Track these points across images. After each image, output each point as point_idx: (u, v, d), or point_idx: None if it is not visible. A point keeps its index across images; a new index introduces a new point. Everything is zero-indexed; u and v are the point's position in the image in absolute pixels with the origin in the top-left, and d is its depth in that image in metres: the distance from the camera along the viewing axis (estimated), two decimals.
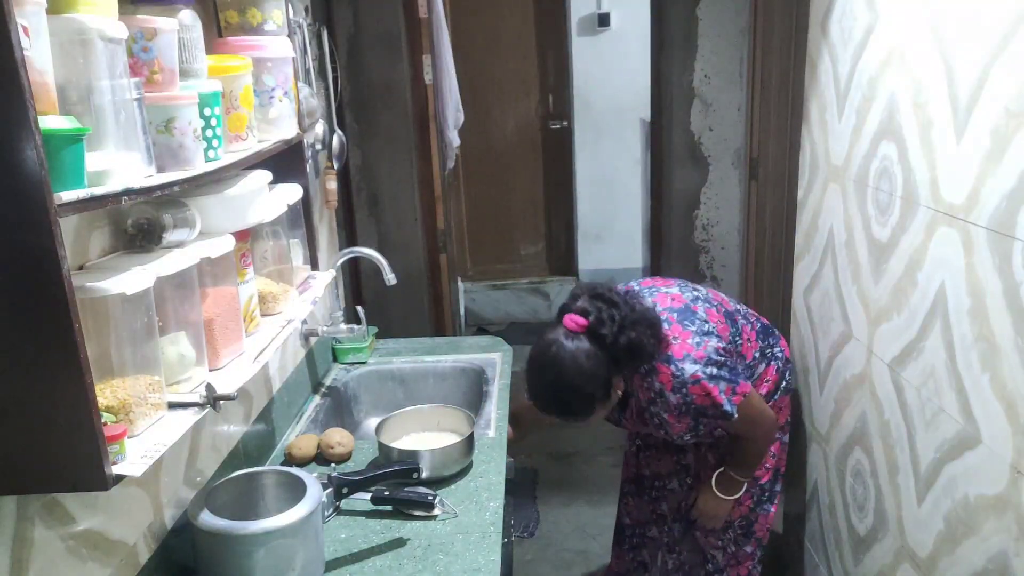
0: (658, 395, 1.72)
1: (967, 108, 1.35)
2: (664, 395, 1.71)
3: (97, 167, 0.86)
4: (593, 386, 1.63)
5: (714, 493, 1.93)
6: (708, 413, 1.72)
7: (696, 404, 1.70)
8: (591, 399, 1.64)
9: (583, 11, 4.88)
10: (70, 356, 0.80)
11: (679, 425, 1.77)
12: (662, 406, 1.74)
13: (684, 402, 1.70)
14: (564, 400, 1.65)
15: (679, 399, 1.70)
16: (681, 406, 1.71)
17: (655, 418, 1.78)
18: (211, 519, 1.24)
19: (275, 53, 1.43)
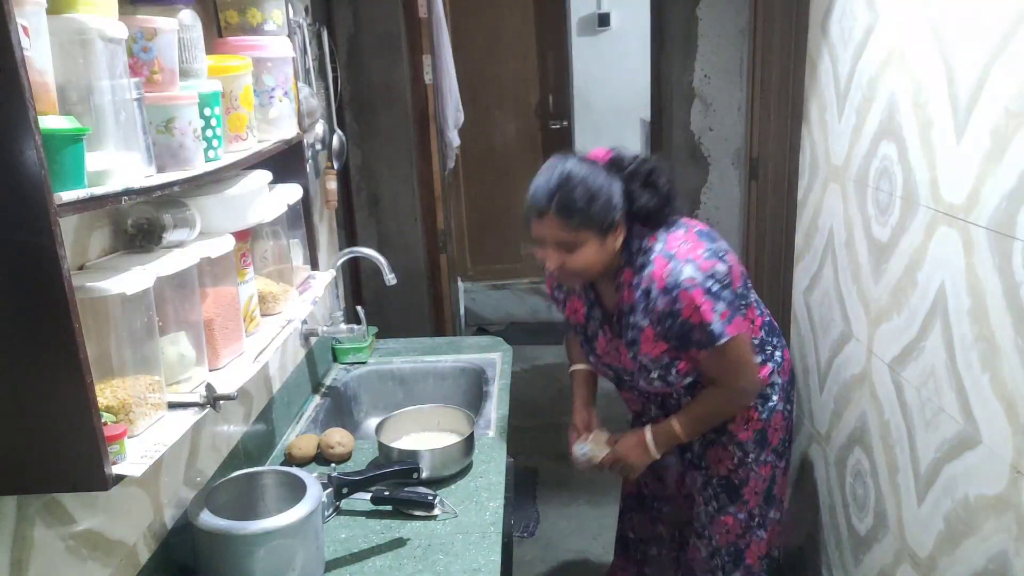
0: (644, 295, 1.58)
1: (967, 108, 1.35)
2: (651, 295, 1.57)
3: (97, 167, 0.86)
4: (602, 197, 1.52)
5: (641, 436, 1.74)
6: (692, 337, 1.56)
7: (682, 318, 1.55)
8: (595, 206, 1.51)
9: (583, 11, 4.88)
10: (70, 356, 0.80)
11: (654, 348, 1.62)
12: (644, 311, 1.59)
13: (670, 311, 1.55)
14: (568, 190, 1.51)
15: (665, 304, 1.55)
16: (665, 316, 1.56)
17: (631, 330, 1.63)
18: (211, 519, 1.24)
19: (275, 53, 1.43)
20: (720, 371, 1.66)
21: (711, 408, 1.74)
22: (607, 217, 1.54)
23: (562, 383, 4.08)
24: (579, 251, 1.55)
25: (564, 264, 1.57)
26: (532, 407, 3.83)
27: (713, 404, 1.73)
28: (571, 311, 1.81)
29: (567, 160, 1.56)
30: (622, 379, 1.79)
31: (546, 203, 1.52)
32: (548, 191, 1.53)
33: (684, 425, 1.72)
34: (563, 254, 1.56)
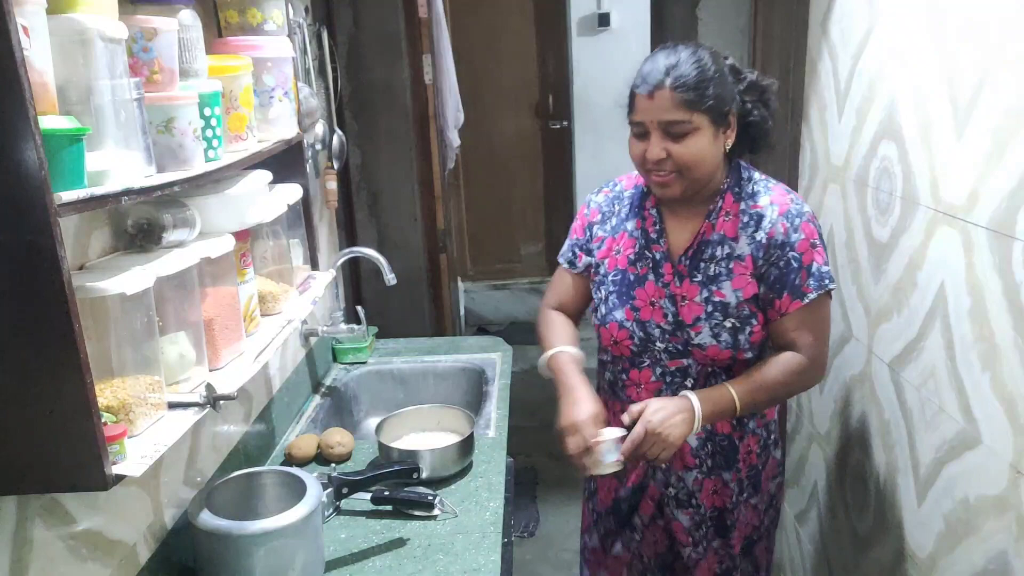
0: (754, 221, 1.43)
1: (967, 108, 1.35)
2: (765, 220, 1.42)
3: (97, 167, 0.86)
4: (724, 82, 1.38)
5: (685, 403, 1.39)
6: (795, 279, 1.40)
7: (795, 252, 1.40)
8: (716, 88, 1.36)
9: (583, 11, 4.88)
10: (70, 356, 0.80)
11: (747, 286, 1.42)
12: (750, 238, 1.42)
13: (786, 240, 1.40)
14: (690, 64, 1.35)
15: (784, 231, 1.41)
16: (778, 245, 1.40)
17: (718, 264, 1.44)
18: (211, 519, 1.24)
19: (275, 53, 1.43)
20: (803, 333, 1.44)
21: (779, 376, 1.44)
22: (725, 104, 1.38)
23: None
24: (690, 139, 1.36)
25: (670, 153, 1.36)
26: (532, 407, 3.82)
27: (782, 371, 1.44)
28: (607, 252, 1.55)
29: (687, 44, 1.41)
30: (652, 345, 1.48)
31: (662, 75, 1.35)
32: (666, 65, 1.35)
33: (742, 394, 1.42)
34: (669, 142, 1.36)
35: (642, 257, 1.51)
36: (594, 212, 1.60)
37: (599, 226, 1.58)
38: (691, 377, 1.49)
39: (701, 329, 1.45)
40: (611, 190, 1.61)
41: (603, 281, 1.55)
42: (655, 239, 1.50)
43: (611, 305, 1.52)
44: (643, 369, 1.53)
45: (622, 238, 1.54)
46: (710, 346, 1.45)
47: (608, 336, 1.53)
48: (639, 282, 1.50)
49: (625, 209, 1.56)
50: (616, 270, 1.53)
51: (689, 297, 1.45)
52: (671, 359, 1.49)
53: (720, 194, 1.46)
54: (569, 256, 1.64)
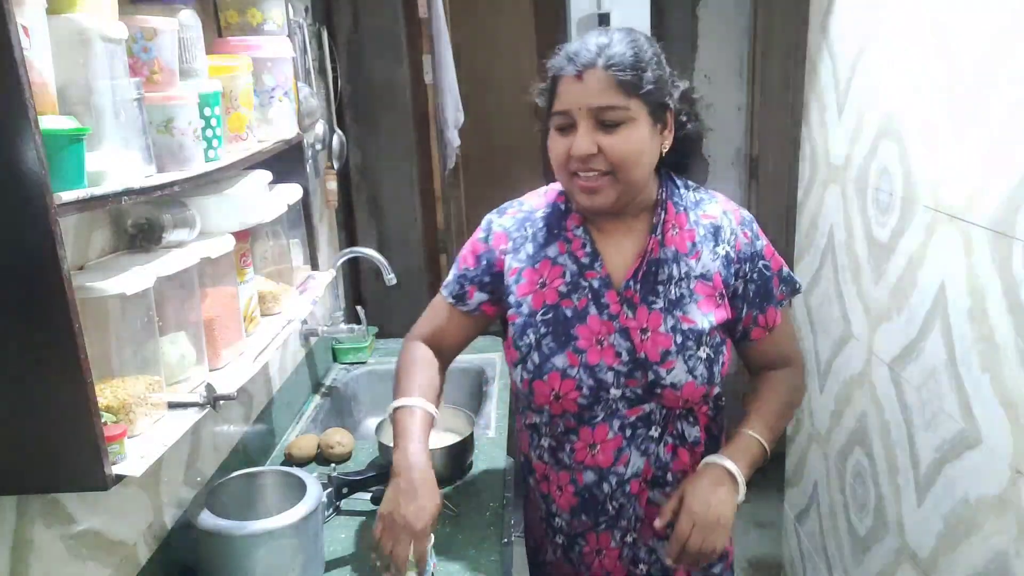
0: (711, 233, 1.24)
1: (967, 108, 1.35)
2: (723, 231, 1.24)
3: (97, 167, 0.86)
4: (663, 69, 1.18)
5: (719, 471, 1.18)
6: (771, 288, 1.26)
7: (764, 260, 1.25)
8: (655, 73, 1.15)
9: (583, 11, 4.87)
10: (70, 356, 0.80)
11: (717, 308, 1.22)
12: (712, 252, 1.23)
13: (752, 251, 1.25)
14: (627, 43, 1.15)
15: (747, 240, 1.25)
16: (746, 258, 1.24)
17: (679, 285, 1.22)
18: (211, 519, 1.24)
19: (275, 53, 1.43)
20: (790, 343, 1.34)
21: (785, 396, 1.31)
22: (663, 94, 1.17)
23: None
24: (625, 130, 1.14)
25: (601, 148, 1.14)
26: None
27: (787, 391, 1.31)
28: (529, 287, 1.26)
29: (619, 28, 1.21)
30: (604, 393, 1.22)
31: (594, 54, 1.13)
32: (598, 44, 1.14)
33: (764, 432, 1.24)
34: (600, 133, 1.14)
35: (576, 287, 1.23)
36: (499, 238, 1.31)
37: (512, 256, 1.28)
38: (655, 424, 1.23)
39: (673, 365, 1.19)
40: (518, 210, 1.33)
41: (529, 323, 1.24)
42: (587, 264, 1.24)
43: (546, 351, 1.22)
44: (596, 425, 1.23)
45: (544, 268, 1.26)
46: (685, 384, 1.19)
47: (546, 392, 1.22)
48: (578, 318, 1.22)
49: (541, 232, 1.28)
50: (545, 307, 1.24)
51: (652, 327, 1.20)
52: (629, 407, 1.22)
53: (659, 205, 1.25)
54: (455, 290, 1.33)
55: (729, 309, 1.24)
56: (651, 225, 1.24)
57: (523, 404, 1.33)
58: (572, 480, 1.27)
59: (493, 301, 1.32)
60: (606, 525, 1.29)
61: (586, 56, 1.14)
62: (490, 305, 1.33)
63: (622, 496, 1.26)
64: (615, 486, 1.26)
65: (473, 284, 1.32)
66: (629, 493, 1.26)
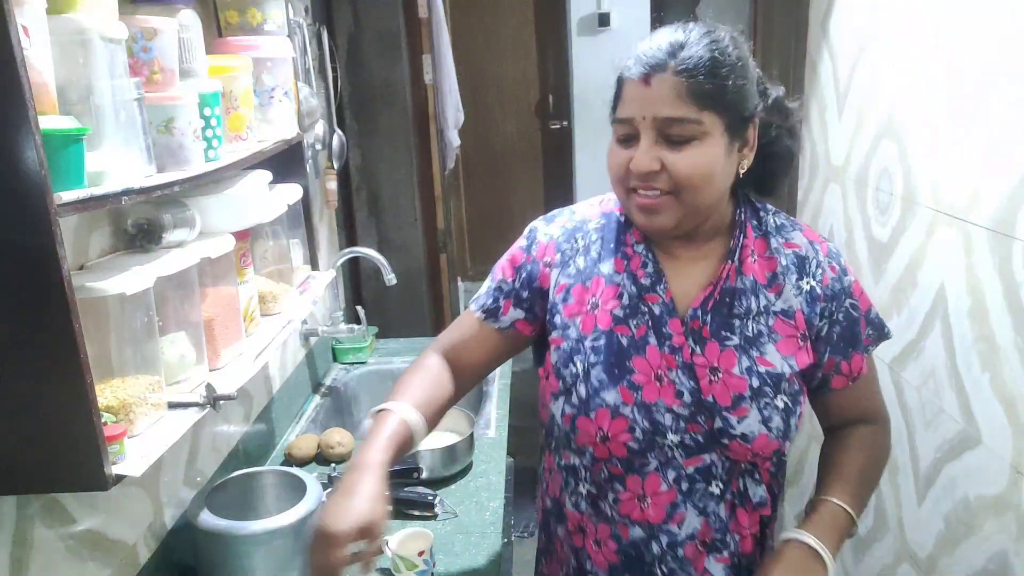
0: (797, 264, 1.05)
1: (967, 108, 1.35)
2: (811, 262, 1.05)
3: (97, 167, 0.86)
4: (749, 76, 1.00)
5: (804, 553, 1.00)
6: (857, 330, 1.07)
7: (851, 298, 1.06)
8: (738, 81, 0.97)
9: (583, 11, 4.88)
10: (70, 356, 0.80)
11: (798, 351, 1.04)
12: (795, 286, 1.04)
13: (840, 287, 1.05)
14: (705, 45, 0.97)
15: (835, 276, 1.05)
16: (833, 294, 1.05)
17: (756, 320, 1.03)
18: (211, 519, 1.24)
19: (275, 53, 1.43)
20: (871, 396, 1.13)
21: (874, 459, 1.12)
22: (746, 107, 0.99)
23: None
24: (694, 147, 0.96)
25: (665, 165, 0.96)
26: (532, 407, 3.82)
27: (876, 452, 1.13)
28: (578, 307, 1.08)
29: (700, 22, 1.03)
30: (661, 439, 1.03)
31: (664, 55, 0.96)
32: (671, 42, 0.97)
33: (852, 501, 1.06)
34: (664, 149, 0.97)
35: (635, 312, 1.05)
36: (545, 249, 1.13)
37: (559, 271, 1.11)
38: (717, 479, 1.05)
39: (747, 412, 1.01)
40: (568, 220, 1.15)
41: (576, 350, 1.06)
42: (649, 286, 1.05)
43: (596, 384, 1.03)
44: (648, 475, 1.05)
45: (597, 286, 1.08)
46: (758, 435, 1.01)
47: (592, 431, 1.04)
48: (635, 348, 1.04)
49: (595, 245, 1.10)
50: (596, 332, 1.06)
51: (724, 368, 1.02)
52: (687, 456, 1.03)
53: (738, 227, 1.07)
54: (487, 303, 1.16)
55: (812, 353, 1.05)
56: (727, 249, 1.06)
57: (560, 442, 1.13)
58: (614, 535, 1.08)
59: (530, 319, 1.14)
60: None
61: (655, 56, 0.97)
62: (526, 323, 1.14)
63: (673, 560, 1.06)
64: (666, 547, 1.06)
65: (509, 298, 1.14)
66: (683, 557, 1.06)
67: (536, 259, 1.13)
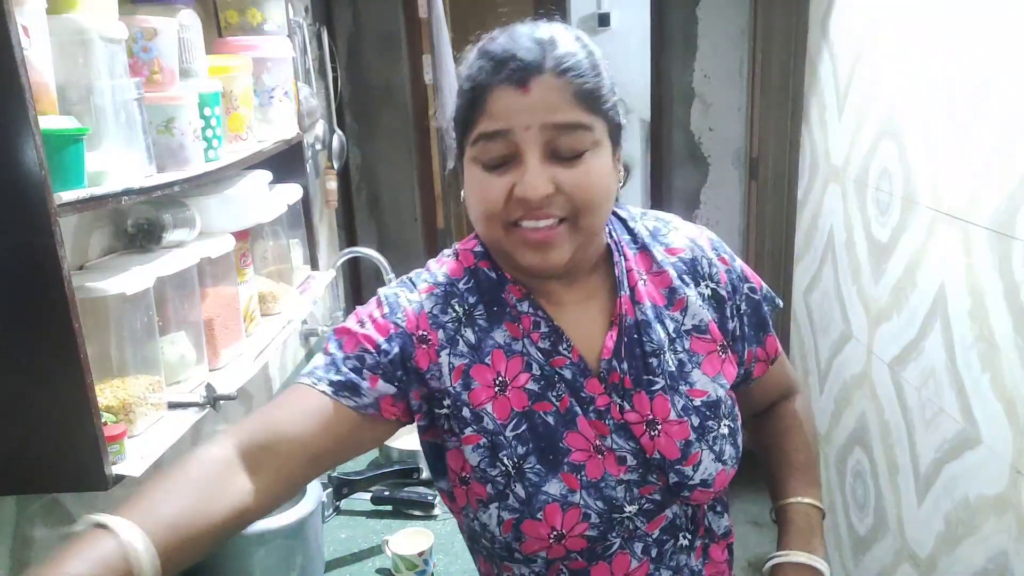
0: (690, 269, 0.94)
1: (967, 108, 1.35)
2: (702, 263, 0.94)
3: (97, 167, 0.86)
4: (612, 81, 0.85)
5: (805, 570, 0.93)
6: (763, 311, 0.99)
7: (748, 279, 0.98)
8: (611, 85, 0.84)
9: (583, 11, 4.88)
10: (70, 356, 0.80)
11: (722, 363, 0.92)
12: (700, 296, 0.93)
13: (738, 275, 0.96)
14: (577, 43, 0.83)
15: (726, 268, 0.95)
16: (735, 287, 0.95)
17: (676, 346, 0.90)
18: None
19: (275, 53, 1.43)
20: (787, 368, 1.07)
21: (808, 431, 1.06)
22: (618, 111, 0.86)
23: None
24: (588, 160, 0.81)
25: (560, 186, 0.80)
26: None
27: (806, 422, 1.07)
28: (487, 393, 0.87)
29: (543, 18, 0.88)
30: (618, 515, 0.88)
31: (538, 53, 0.80)
32: (536, 39, 0.81)
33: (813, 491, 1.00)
34: (554, 166, 0.80)
35: (551, 383, 0.88)
36: (417, 321, 0.88)
37: (448, 352, 0.87)
38: (683, 531, 0.93)
39: (699, 457, 0.88)
40: (433, 283, 0.92)
41: (499, 444, 0.86)
42: (549, 349, 0.88)
43: (534, 479, 0.86)
44: (614, 557, 0.90)
45: (499, 361, 0.88)
46: (717, 475, 0.89)
47: (544, 532, 0.85)
48: (564, 423, 0.87)
49: (477, 312, 0.90)
50: (514, 416, 0.87)
51: (660, 418, 0.88)
52: (649, 520, 0.90)
53: (617, 250, 0.92)
54: (343, 377, 0.84)
55: (734, 359, 0.95)
56: (613, 280, 0.91)
57: (497, 555, 0.91)
58: None
59: (398, 399, 0.86)
60: None
61: (527, 56, 0.79)
62: (392, 404, 0.86)
63: None
64: None
65: (376, 372, 0.85)
66: None
67: (406, 331, 0.88)
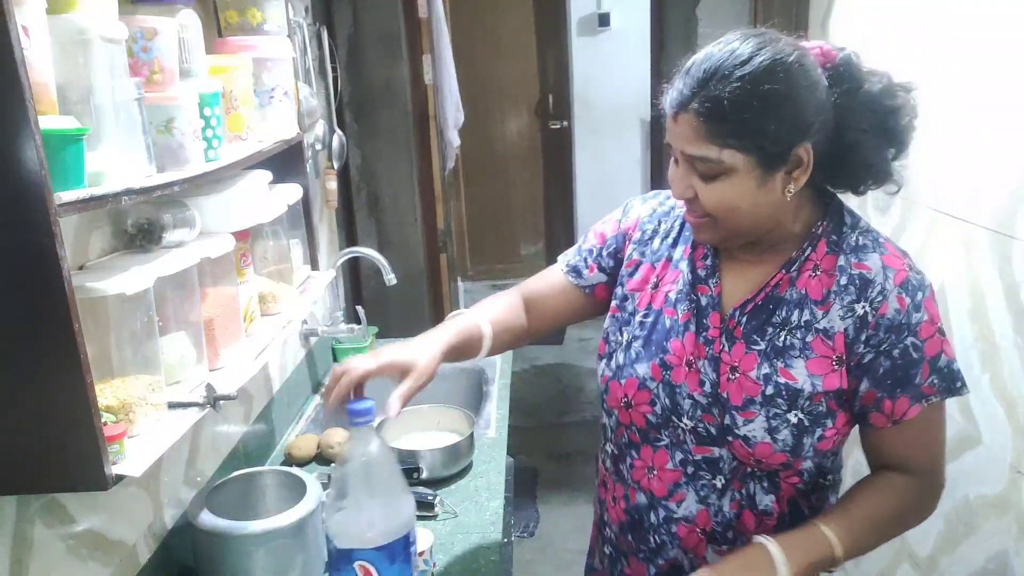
0: (857, 286, 1.00)
1: (967, 108, 1.35)
2: (874, 288, 0.99)
3: (97, 167, 0.86)
4: (785, 107, 0.93)
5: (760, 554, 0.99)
6: (913, 373, 0.99)
7: (916, 338, 0.98)
8: (768, 117, 0.93)
9: (583, 11, 4.89)
10: (70, 356, 0.80)
11: (830, 373, 1.00)
12: (846, 309, 0.99)
13: (904, 322, 0.98)
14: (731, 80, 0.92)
15: (901, 309, 0.98)
16: (892, 327, 0.98)
17: (791, 333, 1.02)
18: (211, 519, 1.24)
19: (275, 53, 1.43)
20: (919, 448, 1.05)
21: (890, 507, 1.04)
22: (781, 138, 0.94)
23: (562, 383, 4.09)
24: (720, 182, 0.96)
25: (695, 194, 0.99)
26: (532, 407, 3.83)
27: (895, 502, 1.05)
28: (641, 283, 1.15)
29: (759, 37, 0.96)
30: (676, 419, 1.07)
31: (691, 90, 0.94)
32: (706, 70, 0.94)
33: (844, 536, 1.00)
34: (697, 179, 0.98)
35: (685, 298, 1.09)
36: (632, 224, 1.19)
37: (635, 247, 1.17)
38: (721, 475, 1.07)
39: (753, 417, 1.02)
40: (659, 203, 1.20)
41: (627, 321, 1.14)
42: (703, 277, 1.09)
43: (633, 355, 1.11)
44: (658, 450, 1.11)
45: (664, 269, 1.14)
46: (760, 443, 1.02)
47: (619, 394, 1.11)
48: (676, 332, 1.08)
49: (674, 232, 1.15)
50: (648, 310, 1.12)
51: (742, 370, 1.03)
52: (698, 444, 1.07)
53: (811, 241, 1.04)
54: (575, 262, 1.23)
55: (845, 378, 1.01)
56: (789, 259, 1.04)
57: (600, 401, 1.21)
58: (625, 496, 1.16)
59: (610, 285, 1.20)
60: (644, 556, 1.16)
61: (683, 93, 0.96)
62: (605, 288, 1.21)
63: (666, 534, 1.12)
64: (662, 520, 1.12)
65: (595, 262, 1.21)
66: (674, 533, 1.11)
67: (623, 231, 1.20)
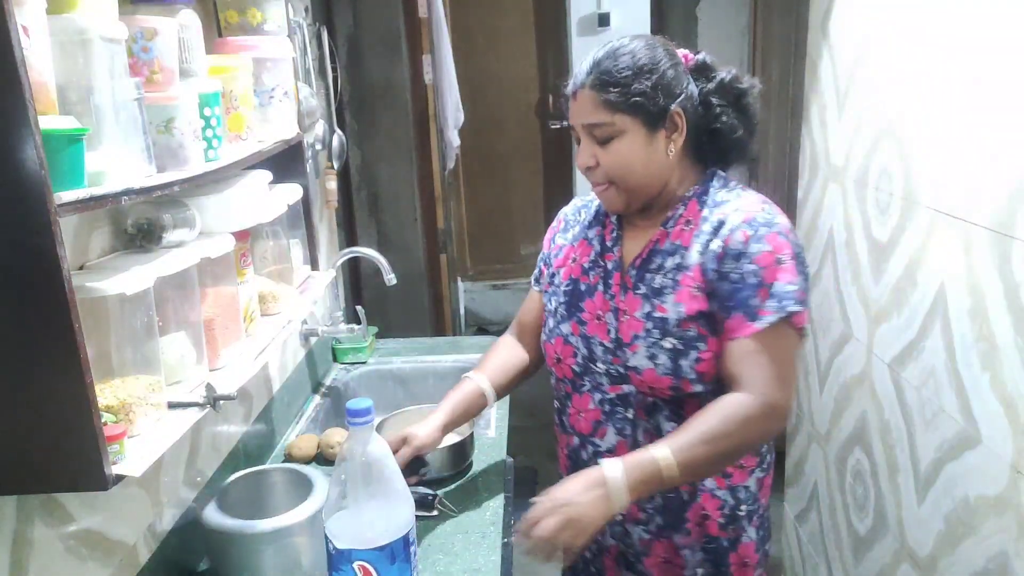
0: (713, 230, 1.21)
1: (967, 108, 1.35)
2: (723, 228, 1.20)
3: (97, 167, 0.86)
4: (655, 74, 1.19)
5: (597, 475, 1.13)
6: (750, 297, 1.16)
7: (754, 265, 1.16)
8: (642, 81, 1.18)
9: (583, 11, 4.88)
10: (70, 356, 0.80)
11: (691, 301, 1.20)
12: (703, 247, 1.21)
13: (743, 250, 1.17)
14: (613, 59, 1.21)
15: (743, 240, 1.17)
16: (733, 255, 1.18)
17: (664, 275, 1.23)
18: (221, 517, 1.25)
19: (275, 53, 1.43)
20: (751, 365, 1.15)
21: (719, 424, 1.14)
22: (657, 99, 1.19)
23: None
24: (615, 143, 1.21)
25: (598, 161, 1.23)
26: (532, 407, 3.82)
27: (723, 418, 1.14)
28: (563, 261, 1.39)
29: (642, 38, 1.25)
30: (593, 365, 1.29)
31: (585, 73, 1.22)
32: (594, 59, 1.22)
33: (678, 454, 1.12)
34: (596, 147, 1.23)
35: (595, 266, 1.33)
36: (559, 222, 1.47)
37: (560, 234, 1.44)
38: (631, 407, 1.27)
39: (637, 348, 1.23)
40: (583, 200, 1.46)
41: (555, 292, 1.38)
42: (610, 247, 1.32)
43: (559, 318, 1.35)
44: (583, 394, 1.32)
45: (581, 246, 1.38)
46: (646, 369, 1.22)
47: (552, 353, 1.36)
48: (589, 293, 1.32)
49: (590, 217, 1.40)
50: (569, 280, 1.36)
51: (630, 312, 1.25)
52: (611, 383, 1.28)
53: (683, 201, 1.27)
54: (536, 273, 1.51)
55: (705, 303, 1.20)
56: (666, 218, 1.28)
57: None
58: (567, 444, 1.39)
59: None
60: None
61: (579, 76, 1.23)
62: None
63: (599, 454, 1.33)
64: (591, 455, 1.33)
65: (544, 264, 1.47)
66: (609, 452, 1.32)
67: (555, 229, 1.47)
